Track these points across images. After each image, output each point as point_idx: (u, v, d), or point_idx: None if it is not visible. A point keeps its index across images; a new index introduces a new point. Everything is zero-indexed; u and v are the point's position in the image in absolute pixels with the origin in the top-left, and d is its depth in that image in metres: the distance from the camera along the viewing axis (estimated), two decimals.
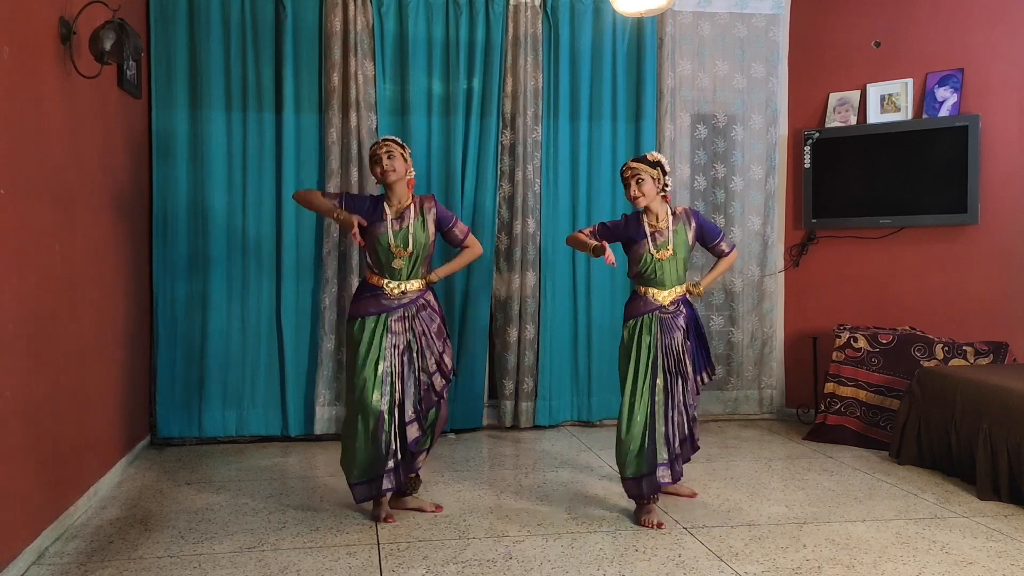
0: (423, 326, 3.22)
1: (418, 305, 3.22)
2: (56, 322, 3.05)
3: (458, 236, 3.36)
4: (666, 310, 3.29)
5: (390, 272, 3.20)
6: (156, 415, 4.45)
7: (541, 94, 4.79)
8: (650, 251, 3.26)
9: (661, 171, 3.27)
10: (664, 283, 3.30)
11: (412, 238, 3.18)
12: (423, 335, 3.22)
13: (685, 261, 3.35)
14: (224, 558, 2.84)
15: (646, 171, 3.24)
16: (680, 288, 3.33)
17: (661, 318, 3.28)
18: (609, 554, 2.89)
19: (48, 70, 2.98)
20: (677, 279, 3.32)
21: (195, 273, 4.49)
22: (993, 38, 4.52)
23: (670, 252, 3.27)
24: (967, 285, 4.62)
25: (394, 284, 3.20)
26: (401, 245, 3.18)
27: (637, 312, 3.31)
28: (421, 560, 2.83)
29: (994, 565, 2.78)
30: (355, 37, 4.52)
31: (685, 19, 4.96)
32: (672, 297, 3.30)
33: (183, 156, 4.47)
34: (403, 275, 3.20)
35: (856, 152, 4.84)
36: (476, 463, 4.17)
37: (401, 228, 3.19)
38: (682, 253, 3.31)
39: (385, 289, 3.20)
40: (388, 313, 3.18)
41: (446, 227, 3.33)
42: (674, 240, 3.29)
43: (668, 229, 3.29)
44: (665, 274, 3.29)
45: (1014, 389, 3.54)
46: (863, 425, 4.48)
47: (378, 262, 3.23)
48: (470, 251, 3.41)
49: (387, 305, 3.18)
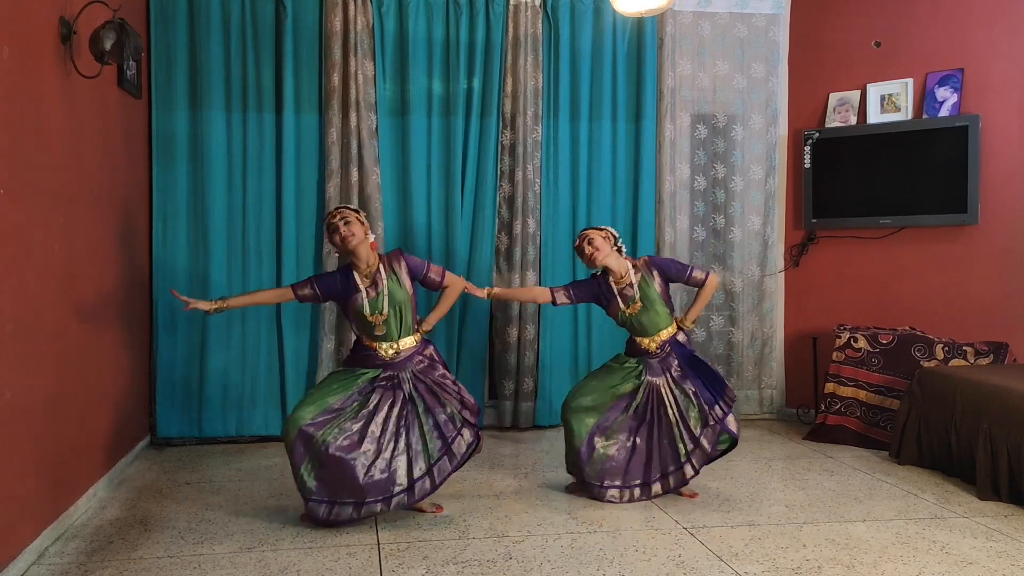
0: (426, 380, 3.18)
1: (415, 361, 3.20)
2: (56, 322, 3.04)
3: (435, 280, 3.30)
4: (653, 354, 3.49)
5: (378, 337, 3.18)
6: (156, 415, 4.45)
7: (541, 94, 4.79)
8: (622, 308, 3.47)
9: (610, 233, 3.48)
10: (647, 331, 3.49)
11: (388, 300, 3.14)
12: (430, 389, 3.18)
13: (661, 307, 3.48)
14: (224, 558, 2.84)
15: (594, 233, 3.46)
16: (667, 331, 3.49)
17: (648, 363, 3.50)
18: (609, 554, 2.89)
19: (48, 70, 2.98)
20: (660, 324, 3.48)
21: (195, 273, 4.49)
22: (993, 38, 4.52)
23: (639, 305, 3.45)
24: (967, 285, 4.62)
25: (386, 345, 3.18)
26: (378, 312, 3.14)
27: (630, 352, 3.57)
28: (421, 560, 2.83)
29: (994, 565, 2.78)
30: (355, 37, 4.52)
31: (685, 19, 4.96)
32: (658, 342, 3.48)
33: (183, 156, 4.47)
34: (392, 336, 3.17)
35: (856, 152, 4.84)
36: (476, 463, 4.16)
37: (377, 294, 3.15)
38: (654, 304, 3.46)
39: (379, 351, 3.18)
40: (382, 370, 3.18)
41: (421, 275, 3.27)
42: (641, 293, 3.45)
43: (633, 285, 3.46)
44: (645, 324, 3.47)
45: (1014, 389, 3.54)
46: (863, 425, 4.48)
47: (363, 329, 3.21)
48: (452, 290, 3.35)
49: (378, 364, 3.18)
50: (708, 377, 3.47)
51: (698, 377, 3.46)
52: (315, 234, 4.59)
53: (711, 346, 5.11)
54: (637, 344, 3.52)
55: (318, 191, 4.58)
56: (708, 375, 3.48)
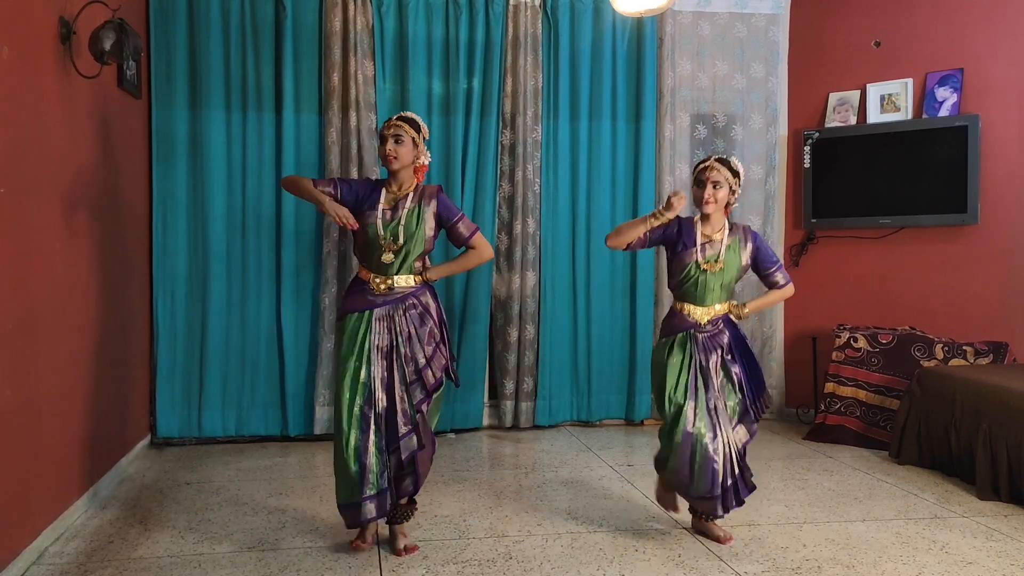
0: (410, 327, 2.86)
1: (407, 304, 2.88)
2: (56, 322, 3.04)
3: (463, 234, 2.97)
4: (703, 329, 3.01)
5: (377, 266, 2.88)
6: (156, 415, 4.45)
7: (541, 94, 4.79)
8: (697, 260, 2.97)
9: (739, 181, 2.99)
10: (704, 299, 3.00)
11: (403, 229, 2.85)
12: (409, 338, 2.85)
13: (732, 281, 3.04)
14: (224, 558, 2.84)
15: (727, 178, 2.94)
16: (721, 307, 3.03)
17: (697, 336, 3.00)
18: (609, 554, 2.89)
19: (48, 70, 2.98)
20: (719, 298, 3.02)
21: (195, 273, 4.49)
22: (993, 38, 4.52)
23: (719, 266, 2.97)
24: (967, 285, 4.62)
25: (380, 279, 2.87)
26: (390, 238, 2.85)
27: (671, 331, 3.05)
28: (421, 560, 2.83)
29: (994, 565, 2.78)
30: (355, 37, 4.52)
31: (685, 19, 4.96)
32: (710, 316, 3.01)
33: (183, 156, 4.47)
34: (391, 270, 2.87)
35: (856, 152, 4.84)
36: (476, 463, 4.17)
37: (393, 219, 2.87)
38: (732, 272, 3.01)
39: (371, 284, 2.88)
40: (371, 310, 2.86)
41: (449, 222, 2.95)
42: (726, 255, 2.98)
43: (722, 243, 2.99)
44: (707, 290, 2.99)
45: (1014, 389, 3.54)
46: (863, 425, 4.48)
47: (365, 254, 2.92)
48: (476, 253, 3.02)
49: (372, 301, 2.87)
50: (754, 372, 3.07)
51: (745, 368, 3.04)
52: (315, 234, 4.58)
53: None
54: (684, 316, 3.01)
55: None
56: (755, 370, 3.07)
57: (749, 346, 3.10)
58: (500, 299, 4.83)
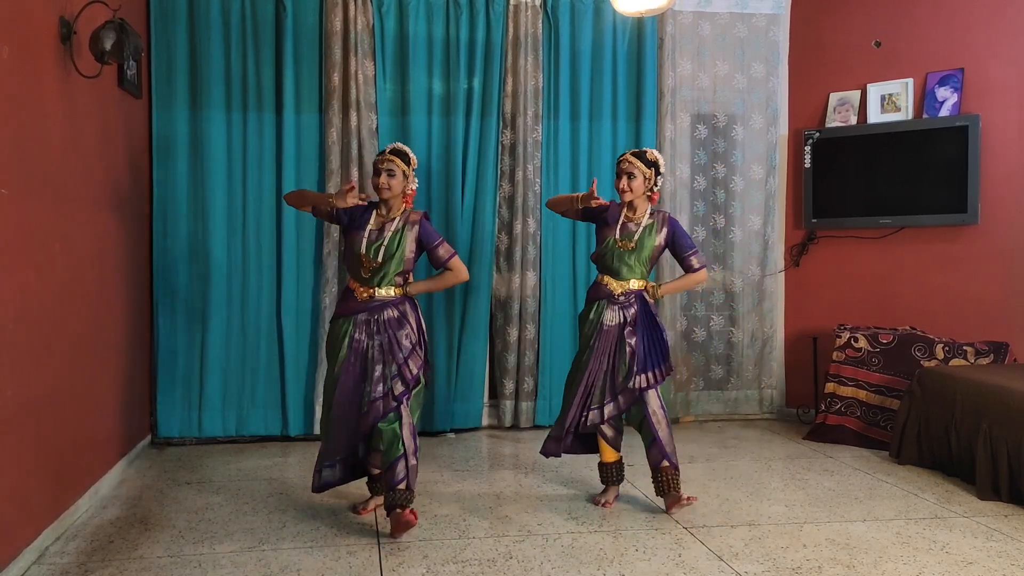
0: (388, 330, 3.16)
1: (387, 313, 3.17)
2: (56, 322, 3.05)
3: (442, 257, 3.31)
4: (615, 299, 3.41)
5: (360, 278, 3.20)
6: (156, 415, 4.45)
7: (541, 94, 4.79)
8: (615, 236, 3.41)
9: (655, 171, 3.40)
10: (620, 273, 3.41)
11: (384, 250, 3.16)
12: (388, 340, 3.15)
13: (647, 261, 3.42)
14: (224, 558, 2.85)
15: (640, 169, 3.37)
16: (636, 283, 3.41)
17: (610, 304, 3.41)
18: (609, 554, 2.89)
19: (48, 70, 2.98)
20: (635, 274, 3.41)
21: (195, 273, 4.49)
22: (993, 38, 4.52)
23: (632, 245, 3.38)
24: (967, 285, 4.62)
25: (362, 289, 3.19)
26: (372, 256, 3.16)
27: (592, 297, 3.48)
28: (421, 560, 2.83)
29: (994, 565, 2.78)
30: (355, 37, 4.52)
31: (685, 19, 4.96)
32: (625, 289, 3.41)
33: (183, 156, 4.47)
34: (372, 282, 3.18)
35: (856, 152, 4.84)
36: (476, 463, 4.17)
37: (377, 239, 3.18)
38: (645, 252, 3.40)
39: (356, 293, 3.20)
40: (355, 315, 3.18)
41: (429, 246, 3.29)
42: (640, 235, 3.39)
43: (640, 226, 3.41)
44: (622, 265, 3.40)
45: (1014, 389, 3.54)
46: (863, 425, 4.48)
47: (352, 266, 3.25)
48: (452, 274, 3.36)
49: (356, 307, 3.18)
50: (655, 344, 3.41)
51: (644, 340, 3.39)
52: (315, 234, 4.59)
53: (711, 346, 5.11)
54: (603, 287, 3.42)
55: (318, 191, 4.58)
56: (657, 342, 3.41)
57: (658, 321, 3.46)
58: (500, 299, 4.83)
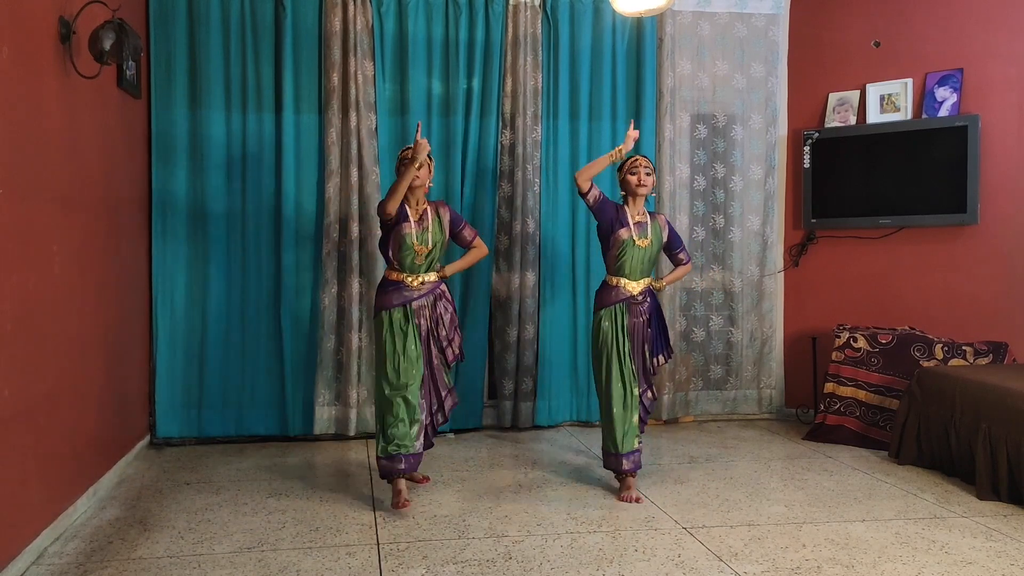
0: (439, 314, 3.58)
1: (436, 295, 3.58)
2: (56, 322, 3.04)
3: (467, 237, 3.72)
4: (635, 299, 3.61)
5: (410, 267, 3.52)
6: (156, 415, 4.45)
7: (541, 94, 4.79)
8: (633, 238, 3.57)
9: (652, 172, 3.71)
10: (636, 273, 3.60)
11: (431, 236, 3.53)
12: (439, 322, 3.58)
13: (655, 257, 3.67)
14: (224, 558, 2.85)
15: (651, 169, 3.66)
16: (647, 280, 3.66)
17: (630, 306, 3.61)
18: (609, 554, 2.89)
19: (48, 70, 2.98)
20: (647, 271, 3.65)
21: (194, 272, 4.48)
22: (993, 38, 4.52)
23: (648, 242, 3.58)
24: (967, 285, 4.62)
25: (413, 277, 3.52)
26: (423, 244, 3.51)
27: (609, 302, 3.62)
28: (421, 560, 2.83)
29: (994, 565, 2.78)
30: (355, 37, 4.52)
31: (685, 19, 4.96)
32: (641, 288, 3.61)
33: (183, 156, 4.47)
34: (421, 269, 3.53)
35: (856, 152, 4.84)
36: (476, 463, 4.17)
37: (423, 229, 3.52)
38: (656, 247, 3.64)
39: (406, 282, 3.52)
40: (410, 303, 3.51)
41: (457, 228, 3.68)
42: (652, 233, 3.61)
43: (647, 223, 3.62)
44: (638, 264, 3.59)
45: (1014, 389, 3.54)
46: (863, 425, 4.49)
47: (400, 258, 3.52)
48: (477, 251, 3.75)
49: (409, 296, 3.51)
50: (663, 333, 3.73)
51: (656, 332, 3.70)
52: (315, 234, 4.59)
53: (711, 346, 5.11)
54: (619, 289, 3.60)
55: (318, 191, 4.58)
56: (665, 331, 3.75)
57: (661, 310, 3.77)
58: (500, 299, 4.83)
